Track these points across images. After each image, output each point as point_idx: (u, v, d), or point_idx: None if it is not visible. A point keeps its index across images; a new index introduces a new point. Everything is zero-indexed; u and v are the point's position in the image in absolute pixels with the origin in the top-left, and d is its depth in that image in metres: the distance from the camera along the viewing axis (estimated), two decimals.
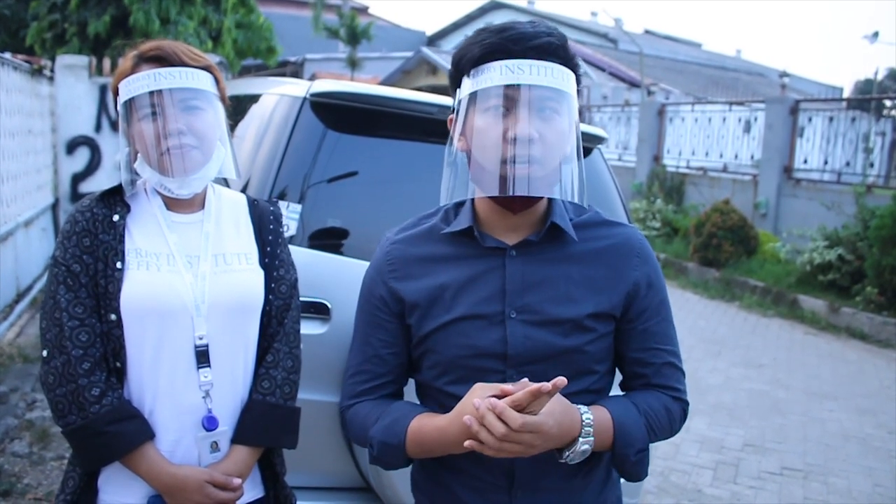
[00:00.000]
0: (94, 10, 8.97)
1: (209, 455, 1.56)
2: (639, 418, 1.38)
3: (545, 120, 1.27)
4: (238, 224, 1.67)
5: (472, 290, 1.38)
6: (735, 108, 12.64)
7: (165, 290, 1.51)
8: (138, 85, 1.49)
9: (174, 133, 1.48)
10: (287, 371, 1.65)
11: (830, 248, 8.23)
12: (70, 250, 1.50)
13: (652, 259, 1.47)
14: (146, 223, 1.56)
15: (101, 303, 1.49)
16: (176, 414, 1.53)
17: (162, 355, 1.52)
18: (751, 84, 26.48)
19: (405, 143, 2.58)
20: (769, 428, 4.99)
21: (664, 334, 1.46)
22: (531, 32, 1.29)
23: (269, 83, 2.88)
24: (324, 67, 21.94)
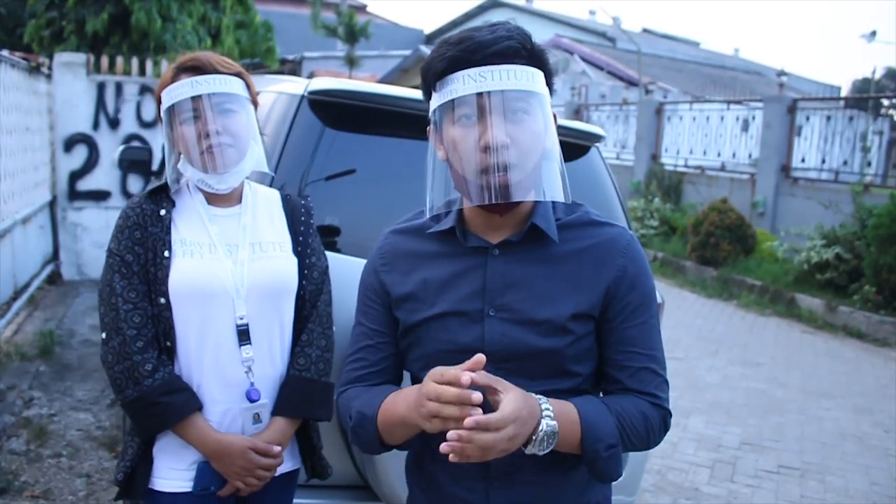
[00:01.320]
0: (91, 8, 8.95)
1: (252, 426, 1.74)
2: (608, 414, 1.34)
3: (516, 123, 1.26)
4: (272, 216, 1.86)
5: (455, 288, 1.40)
6: (733, 107, 12.65)
7: (208, 275, 1.69)
8: (178, 92, 1.68)
9: (212, 133, 1.67)
10: (321, 349, 1.84)
11: (828, 247, 8.25)
12: (123, 242, 1.69)
13: (639, 260, 1.42)
14: (190, 217, 1.75)
15: (151, 288, 1.68)
16: (222, 387, 1.72)
17: (207, 334, 1.70)
18: (749, 83, 26.49)
19: (403, 140, 2.57)
20: (766, 426, 4.99)
21: (644, 338, 1.40)
22: (489, 39, 1.28)
23: (267, 81, 2.88)
24: (322, 65, 21.92)
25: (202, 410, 1.71)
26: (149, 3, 8.71)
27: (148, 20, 8.64)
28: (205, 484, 1.72)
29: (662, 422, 1.42)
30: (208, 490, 1.72)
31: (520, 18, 33.01)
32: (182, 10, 9.14)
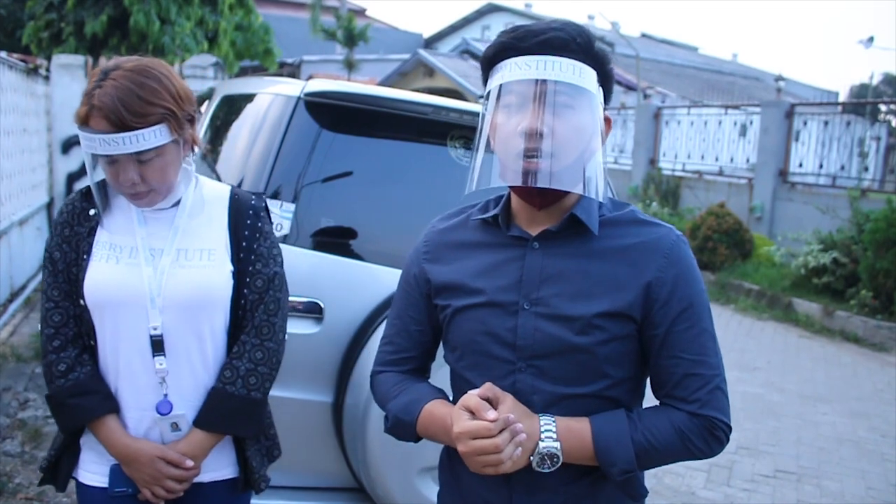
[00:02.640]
0: (91, 10, 8.97)
1: (170, 434, 1.67)
2: (626, 437, 1.31)
3: (558, 115, 1.26)
4: (212, 219, 1.71)
5: (493, 278, 1.38)
6: (731, 112, 12.66)
7: (119, 281, 1.62)
8: (91, 144, 1.53)
9: (128, 184, 1.56)
10: (254, 363, 1.70)
11: (825, 252, 8.25)
12: (54, 239, 1.67)
13: (684, 262, 1.34)
14: (121, 216, 1.68)
15: (73, 288, 1.65)
16: (135, 394, 1.66)
17: (120, 340, 1.64)
18: (747, 88, 26.53)
19: (400, 143, 2.58)
20: (763, 431, 4.99)
21: (692, 344, 1.33)
22: (538, 29, 1.29)
23: (264, 83, 2.88)
24: (321, 69, 21.95)
25: (119, 413, 1.65)
26: (148, 5, 8.72)
27: (147, 22, 8.66)
28: (120, 486, 1.67)
29: (709, 433, 1.32)
30: (126, 492, 1.67)
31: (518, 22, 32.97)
32: (181, 12, 9.15)
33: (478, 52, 23.90)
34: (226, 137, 3.04)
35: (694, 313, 1.33)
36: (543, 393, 1.34)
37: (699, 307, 1.34)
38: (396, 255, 2.47)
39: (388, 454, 2.18)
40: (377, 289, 2.37)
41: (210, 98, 3.61)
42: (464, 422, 1.27)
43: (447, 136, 2.56)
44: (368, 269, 2.41)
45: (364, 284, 2.38)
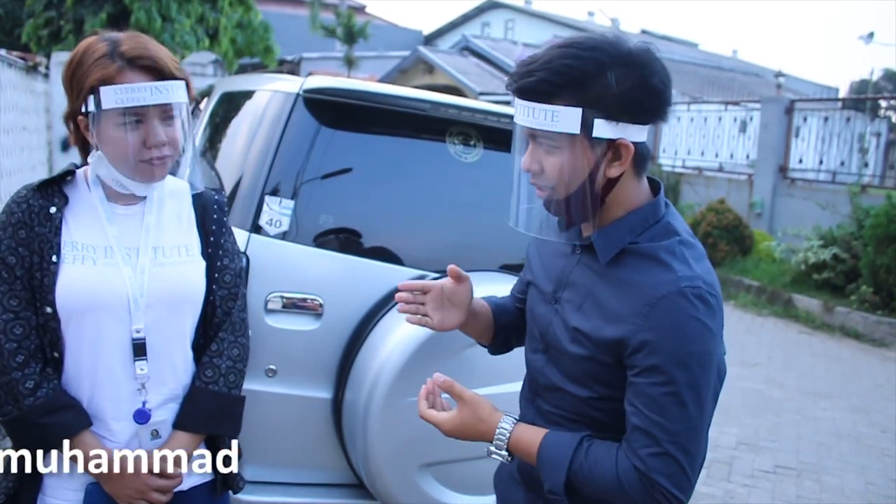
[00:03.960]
0: (90, 8, 8.97)
1: (150, 442, 1.59)
2: (563, 462, 1.32)
3: (547, 154, 1.31)
4: (180, 215, 1.67)
5: (548, 268, 1.50)
6: (731, 108, 12.65)
7: (101, 284, 1.52)
8: (135, 96, 1.46)
9: (159, 146, 1.50)
10: (233, 360, 1.67)
11: (825, 248, 8.25)
12: (5, 242, 1.50)
13: (669, 317, 1.25)
14: (85, 215, 1.56)
15: (36, 296, 1.50)
16: (114, 403, 1.56)
17: (99, 347, 1.54)
18: (747, 84, 26.48)
19: (399, 139, 2.58)
20: (763, 426, 5.00)
21: (651, 399, 1.26)
22: (518, 72, 1.31)
23: (263, 79, 2.88)
24: (320, 66, 21.92)
25: (92, 427, 1.54)
26: (148, 2, 8.73)
27: (148, 20, 8.67)
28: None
29: (648, 495, 1.26)
30: None
31: (518, 20, 33.02)
32: (181, 9, 9.15)
33: (478, 48, 23.89)
34: (225, 134, 3.04)
35: (665, 374, 1.25)
36: (547, 378, 1.45)
37: (676, 369, 1.25)
38: (395, 252, 2.48)
39: (387, 450, 2.19)
40: (376, 285, 2.37)
41: (209, 95, 3.61)
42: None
43: (446, 133, 2.56)
44: (368, 266, 2.41)
45: (363, 281, 2.39)
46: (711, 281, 1.30)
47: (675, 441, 1.26)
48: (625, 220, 1.35)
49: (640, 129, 1.30)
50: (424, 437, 2.21)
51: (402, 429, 2.17)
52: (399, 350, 2.17)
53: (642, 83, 1.27)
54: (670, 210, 1.40)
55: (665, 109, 1.32)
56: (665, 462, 1.25)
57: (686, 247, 1.33)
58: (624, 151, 1.29)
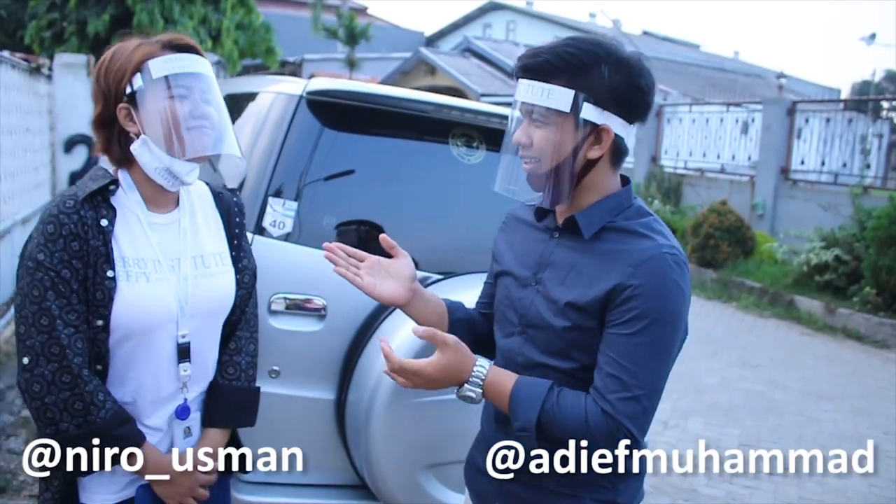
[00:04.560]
0: (93, 9, 8.99)
1: (182, 440, 1.65)
2: (536, 402, 1.43)
3: (537, 128, 1.46)
4: (208, 218, 1.72)
5: (523, 255, 1.60)
6: (732, 110, 12.65)
7: (155, 302, 1.56)
8: (182, 64, 1.54)
9: (204, 117, 1.56)
10: (250, 355, 1.76)
11: (827, 249, 8.25)
12: (57, 255, 1.48)
13: (654, 275, 1.41)
14: (129, 226, 1.58)
15: (89, 308, 1.51)
16: (155, 405, 1.61)
17: (147, 357, 1.58)
18: (749, 85, 26.48)
19: (402, 141, 2.59)
20: (765, 428, 5.00)
21: (628, 349, 1.40)
22: (526, 54, 1.47)
23: (266, 81, 2.89)
24: (322, 67, 21.93)
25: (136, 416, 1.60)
26: (151, 4, 8.74)
27: (150, 21, 8.68)
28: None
29: (611, 435, 1.39)
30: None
31: (520, 21, 33.02)
32: (184, 11, 9.17)
33: (479, 50, 23.90)
34: None
35: (642, 324, 1.40)
36: (526, 356, 1.54)
37: (652, 322, 1.40)
38: None
39: (391, 451, 2.20)
40: None
41: None
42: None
43: (449, 135, 2.57)
44: None
45: None
46: (682, 250, 1.49)
47: (642, 388, 1.40)
48: (604, 203, 1.50)
49: (622, 123, 1.46)
50: (427, 438, 2.22)
51: (405, 430, 2.18)
52: (402, 351, 2.16)
53: (630, 81, 1.45)
54: (639, 201, 1.55)
55: (646, 111, 1.50)
56: (631, 406, 1.39)
57: (659, 224, 1.51)
58: (605, 136, 1.45)
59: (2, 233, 5.93)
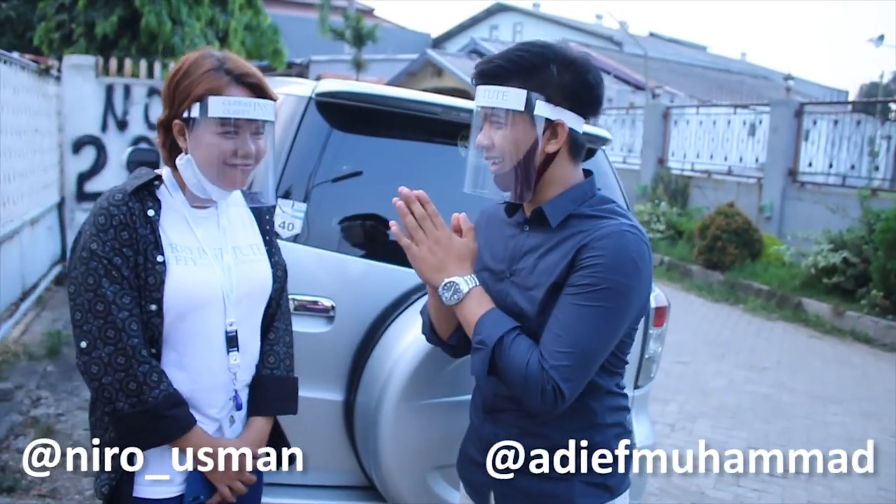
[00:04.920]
0: (101, 11, 9.01)
1: (229, 428, 1.72)
2: (501, 329, 1.53)
3: (497, 130, 1.56)
4: (242, 216, 1.81)
5: (497, 250, 1.68)
6: (740, 111, 12.63)
7: (203, 283, 1.64)
8: (240, 109, 1.60)
9: (247, 156, 1.63)
10: (287, 346, 1.84)
11: (835, 252, 8.22)
12: (109, 243, 1.57)
13: (609, 249, 1.49)
14: (173, 218, 1.67)
15: (141, 294, 1.60)
16: (210, 393, 1.69)
17: (201, 342, 1.66)
18: (756, 87, 26.43)
19: (410, 143, 2.59)
20: (773, 431, 4.98)
21: (571, 312, 1.49)
22: (481, 61, 1.60)
23: (275, 83, 2.88)
24: (329, 69, 21.97)
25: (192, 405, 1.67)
26: (159, 5, 8.76)
27: (158, 23, 8.69)
28: (196, 493, 1.67)
29: (541, 387, 1.47)
30: (199, 499, 1.68)
31: (526, 22, 33.02)
32: (191, 13, 9.18)
33: (486, 51, 23.89)
34: None
35: (590, 290, 1.48)
36: None
37: (602, 290, 1.48)
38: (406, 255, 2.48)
39: (399, 452, 2.19)
40: (388, 288, 2.38)
41: None
42: None
43: (457, 136, 2.57)
44: (379, 269, 2.42)
45: (375, 283, 2.39)
46: (643, 232, 1.56)
47: (577, 347, 1.48)
48: (567, 193, 1.59)
49: (576, 117, 1.56)
50: (436, 439, 2.22)
51: (413, 431, 2.18)
52: (411, 352, 2.17)
53: (579, 78, 1.55)
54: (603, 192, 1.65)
55: (597, 105, 1.59)
56: (562, 362, 1.47)
57: (622, 209, 1.60)
58: (560, 131, 1.55)
59: (11, 233, 5.95)
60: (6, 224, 5.86)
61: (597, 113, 1.61)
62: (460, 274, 1.59)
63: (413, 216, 1.60)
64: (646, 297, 1.56)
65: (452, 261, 1.60)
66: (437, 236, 1.60)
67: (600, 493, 1.62)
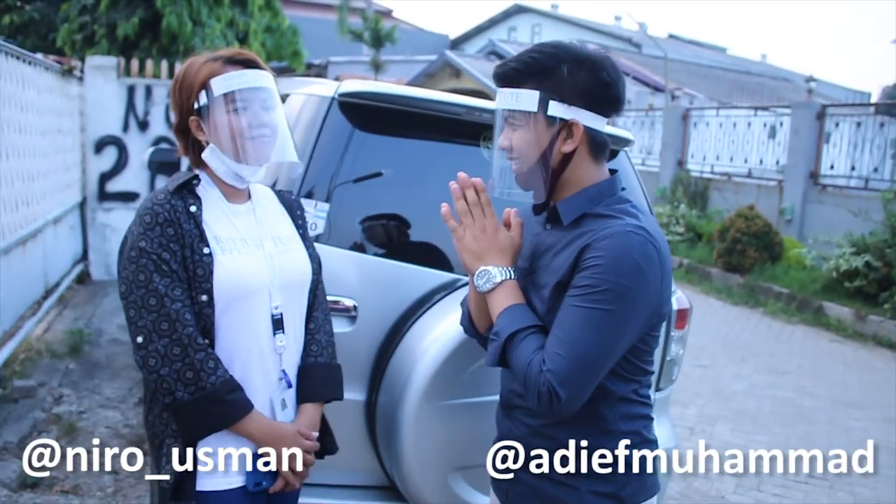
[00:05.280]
0: (123, 12, 9.09)
1: (281, 412, 1.78)
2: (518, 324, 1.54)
3: (514, 131, 1.58)
4: (276, 210, 1.90)
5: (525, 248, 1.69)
6: (760, 114, 12.53)
7: (249, 270, 1.73)
8: (241, 80, 1.71)
9: (261, 126, 1.72)
10: (328, 334, 1.91)
11: (857, 255, 8.13)
12: (156, 240, 1.65)
13: (610, 249, 1.47)
14: (214, 213, 1.75)
15: (192, 286, 1.67)
16: (262, 376, 1.76)
17: (251, 327, 1.74)
18: (776, 89, 26.22)
19: (432, 143, 2.59)
20: (794, 435, 4.94)
21: (567, 318, 1.48)
22: (498, 64, 1.61)
23: (297, 83, 2.90)
24: (347, 70, 22.04)
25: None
26: (179, 7, 8.82)
27: (178, 24, 8.76)
28: (258, 479, 1.73)
29: (536, 388, 1.46)
30: (261, 486, 1.74)
31: (545, 24, 32.96)
32: (211, 14, 9.25)
33: (504, 53, 23.87)
34: None
35: (591, 292, 1.46)
36: None
37: (602, 292, 1.46)
38: (429, 255, 2.49)
39: (421, 453, 2.19)
40: (410, 288, 2.38)
41: None
42: None
43: (480, 137, 2.56)
44: (401, 269, 2.42)
45: (397, 284, 2.40)
46: (656, 234, 1.53)
47: (574, 349, 1.45)
48: (584, 192, 1.59)
49: (594, 116, 1.56)
50: (458, 440, 2.22)
51: (435, 432, 2.18)
52: (433, 353, 2.17)
53: (593, 76, 1.54)
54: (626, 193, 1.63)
55: (616, 102, 1.58)
56: (558, 365, 1.45)
57: (636, 210, 1.57)
58: (575, 130, 1.55)
59: (34, 232, 6.02)
60: (30, 223, 5.92)
61: (618, 111, 1.60)
62: (498, 265, 1.60)
63: (465, 201, 1.62)
64: (657, 301, 1.52)
65: (494, 251, 1.61)
66: (484, 224, 1.62)
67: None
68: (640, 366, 1.59)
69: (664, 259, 1.52)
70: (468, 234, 1.63)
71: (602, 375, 1.50)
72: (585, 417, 1.55)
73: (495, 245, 1.62)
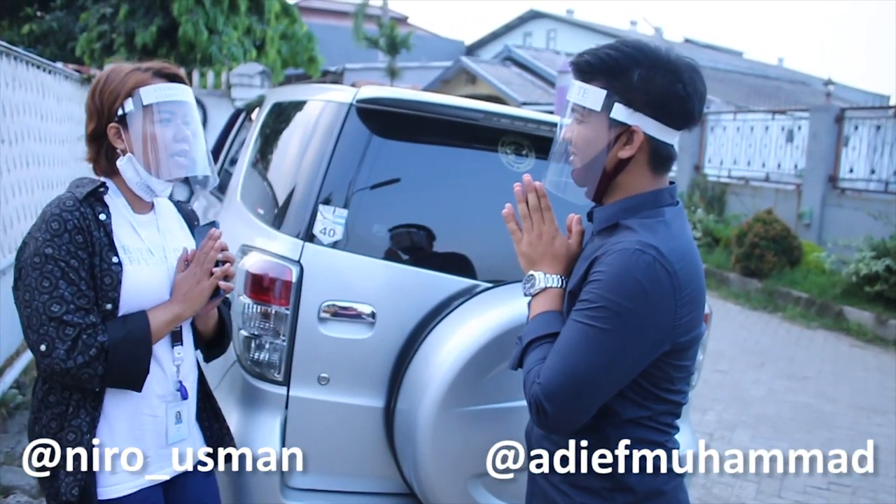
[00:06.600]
0: (141, 21, 9.20)
1: (174, 426, 1.81)
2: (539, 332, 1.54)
3: (577, 125, 1.55)
4: (175, 221, 1.94)
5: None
6: (777, 117, 12.45)
7: (155, 282, 1.76)
8: (168, 93, 1.74)
9: (185, 140, 1.76)
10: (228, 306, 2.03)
11: (878, 259, 8.05)
12: (64, 247, 1.63)
13: (612, 266, 1.41)
14: (121, 222, 1.76)
15: (98, 294, 1.67)
16: (160, 386, 1.78)
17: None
18: (793, 93, 26.04)
19: (451, 149, 2.58)
20: (814, 441, 4.88)
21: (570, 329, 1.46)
22: (577, 53, 1.56)
23: (315, 89, 2.91)
24: (363, 76, 22.12)
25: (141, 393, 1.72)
26: (196, 16, 8.91)
27: (195, 32, 8.85)
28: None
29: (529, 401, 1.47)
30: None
31: (560, 29, 32.95)
32: (228, 22, 9.33)
33: (520, 58, 23.88)
34: (277, 144, 3.08)
35: (586, 308, 1.43)
36: None
37: (599, 309, 1.41)
38: (448, 261, 2.48)
39: (440, 459, 2.19)
40: (429, 294, 2.38)
41: (260, 106, 3.67)
42: None
43: (498, 142, 2.56)
44: (420, 275, 2.42)
45: (416, 290, 2.39)
46: (673, 256, 1.42)
47: (565, 365, 1.43)
48: (624, 201, 1.53)
49: (659, 126, 1.48)
50: (478, 447, 2.20)
51: (454, 439, 2.17)
52: (452, 359, 2.17)
53: (666, 85, 1.47)
54: (679, 211, 1.54)
55: (687, 117, 1.50)
56: (548, 377, 1.44)
57: (665, 226, 1.48)
58: (635, 137, 1.48)
59: None
60: None
61: (688, 126, 1.53)
62: (547, 271, 1.60)
63: (526, 205, 1.62)
64: (668, 327, 1.42)
65: (547, 258, 1.61)
66: (542, 230, 1.61)
67: None
68: (653, 392, 1.49)
69: (680, 284, 1.41)
70: (525, 239, 1.62)
71: (600, 395, 1.44)
72: (589, 433, 1.51)
73: (549, 251, 1.61)
